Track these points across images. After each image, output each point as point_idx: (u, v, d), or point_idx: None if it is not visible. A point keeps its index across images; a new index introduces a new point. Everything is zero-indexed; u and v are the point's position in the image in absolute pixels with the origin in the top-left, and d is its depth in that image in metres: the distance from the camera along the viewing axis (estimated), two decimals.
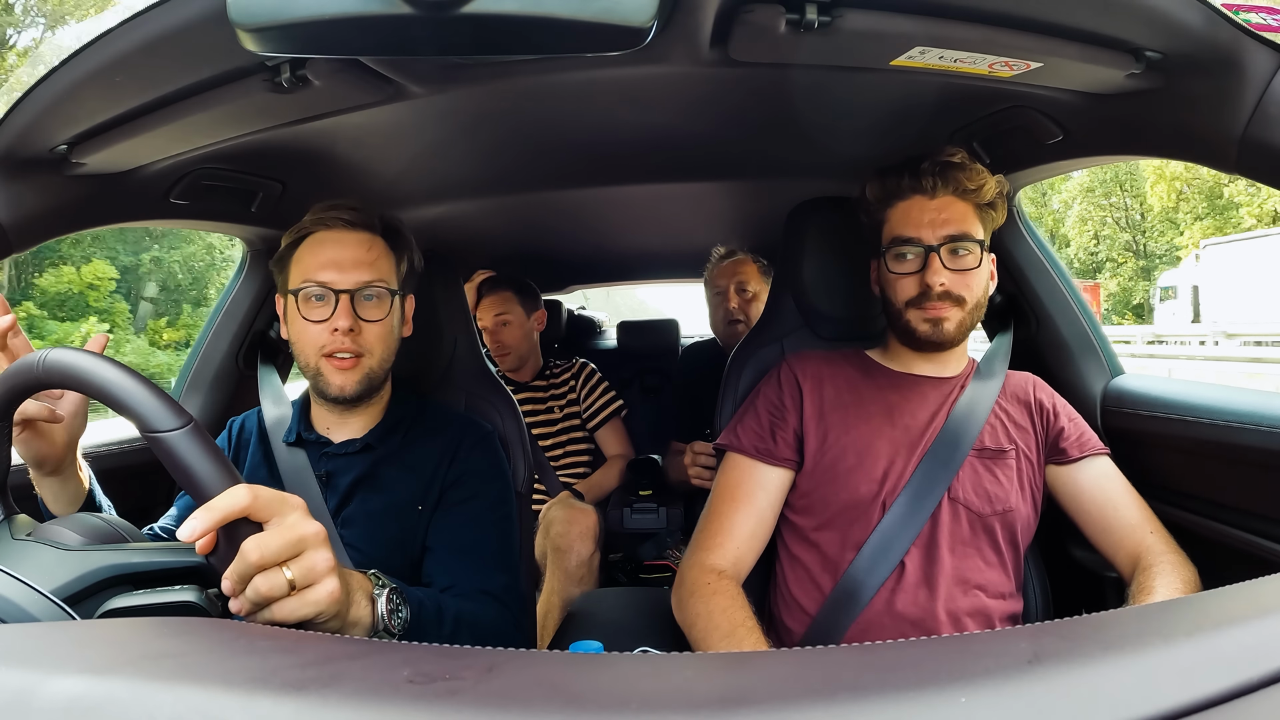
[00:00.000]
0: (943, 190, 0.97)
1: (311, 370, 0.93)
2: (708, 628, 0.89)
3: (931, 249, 0.96)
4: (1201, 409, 1.01)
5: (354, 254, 0.92)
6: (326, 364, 0.92)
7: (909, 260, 0.98)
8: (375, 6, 0.51)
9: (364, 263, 0.92)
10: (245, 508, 0.51)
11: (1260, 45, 0.68)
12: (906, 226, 0.98)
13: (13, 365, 0.56)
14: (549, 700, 0.30)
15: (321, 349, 0.91)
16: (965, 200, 0.97)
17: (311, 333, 0.91)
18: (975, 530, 0.96)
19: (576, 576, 1.67)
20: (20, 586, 0.47)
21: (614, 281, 3.06)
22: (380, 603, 0.65)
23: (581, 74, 0.89)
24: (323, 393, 0.94)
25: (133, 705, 0.29)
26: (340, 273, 0.91)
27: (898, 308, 1.00)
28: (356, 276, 0.91)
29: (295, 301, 0.92)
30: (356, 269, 0.92)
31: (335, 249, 0.92)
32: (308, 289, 0.91)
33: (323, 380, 0.93)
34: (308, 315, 0.91)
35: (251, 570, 0.51)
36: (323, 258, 0.92)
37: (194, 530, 0.50)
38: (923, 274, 0.96)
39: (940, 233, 0.96)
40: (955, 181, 0.97)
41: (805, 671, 0.34)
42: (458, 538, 0.93)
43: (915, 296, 0.97)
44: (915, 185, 0.98)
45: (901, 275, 0.98)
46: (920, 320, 0.98)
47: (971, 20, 0.72)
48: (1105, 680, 0.29)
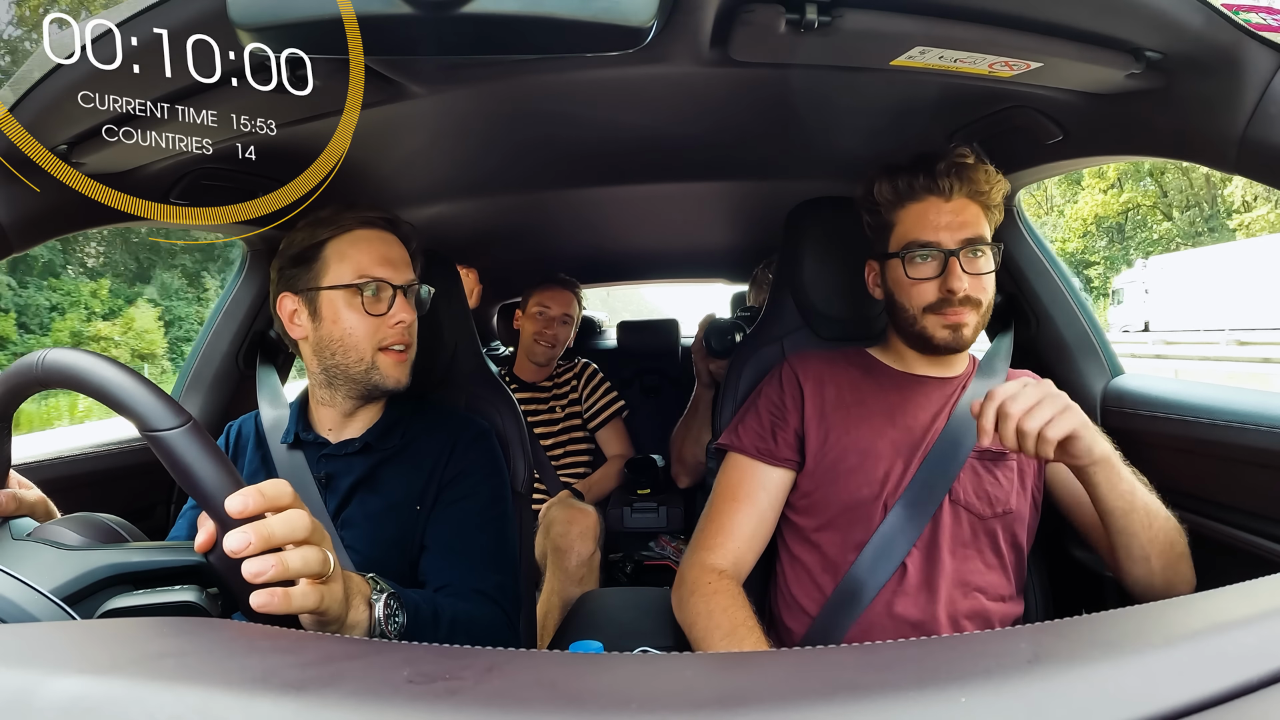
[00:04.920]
0: (959, 192, 0.94)
1: (366, 364, 0.94)
2: (708, 627, 0.89)
3: (951, 253, 0.93)
4: (1201, 409, 1.01)
5: (401, 253, 0.98)
6: (384, 357, 0.94)
7: (927, 264, 0.95)
8: (375, 6, 0.52)
9: (408, 262, 0.99)
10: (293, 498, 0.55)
11: (1260, 45, 0.68)
12: (924, 230, 0.95)
13: (13, 365, 0.56)
14: (549, 700, 0.30)
15: (379, 342, 0.94)
16: (978, 202, 0.95)
17: (368, 326, 0.93)
18: (976, 532, 0.96)
19: (576, 576, 1.67)
20: (20, 586, 0.47)
21: (614, 281, 3.06)
22: (378, 607, 0.65)
23: (581, 74, 0.89)
24: (376, 386, 0.95)
25: (133, 705, 0.29)
26: (394, 269, 0.96)
27: (912, 313, 0.97)
28: (406, 274, 0.97)
29: (355, 296, 0.93)
30: (405, 267, 0.98)
31: (386, 247, 0.96)
32: (367, 283, 0.93)
33: (379, 374, 0.94)
34: (371, 309, 0.93)
35: (276, 542, 0.52)
36: (376, 254, 0.95)
37: (245, 506, 0.51)
38: (943, 279, 0.94)
39: (959, 236, 0.93)
40: (971, 183, 0.94)
41: (805, 671, 0.34)
42: (453, 537, 0.93)
43: (935, 302, 0.95)
44: (931, 186, 0.95)
45: (919, 280, 0.95)
46: (939, 326, 0.96)
47: (971, 20, 0.72)
48: (1105, 680, 0.29)
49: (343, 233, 0.96)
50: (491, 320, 2.87)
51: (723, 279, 2.95)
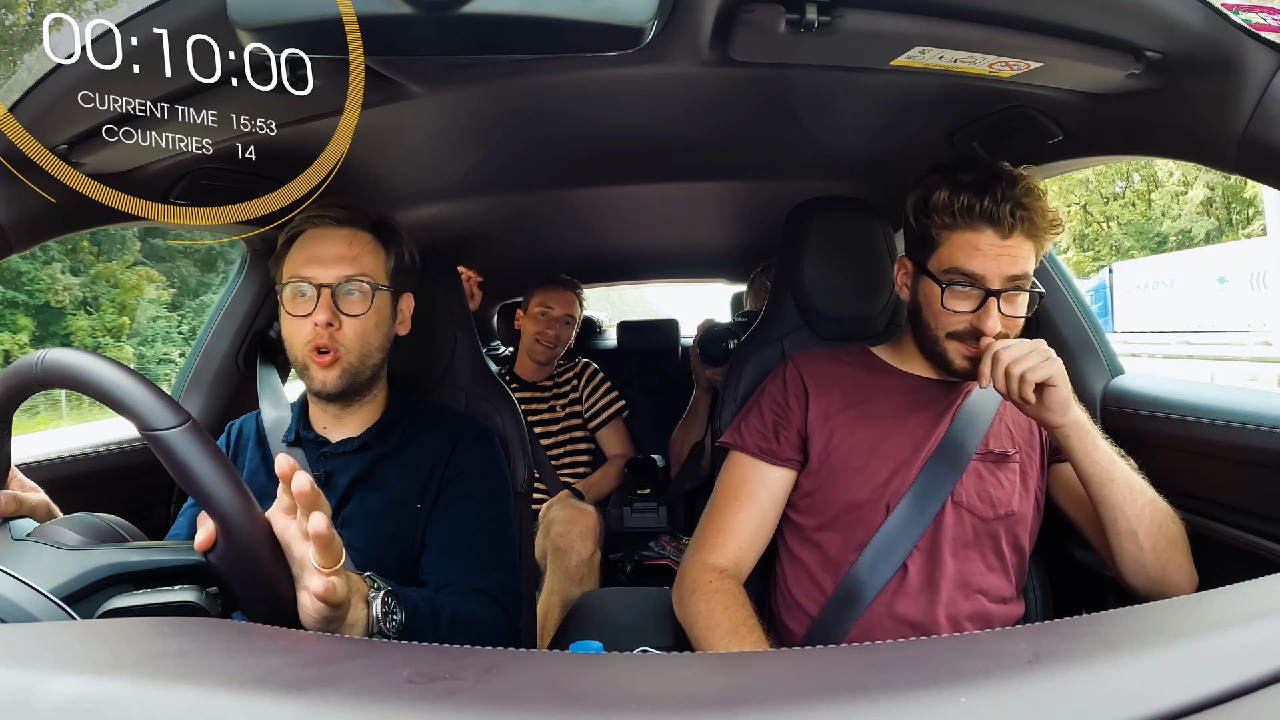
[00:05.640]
0: (1019, 231, 0.89)
1: (300, 366, 0.94)
2: (709, 626, 0.89)
3: (993, 293, 0.89)
4: (1201, 409, 1.01)
5: (335, 249, 0.93)
6: (311, 359, 0.93)
7: (967, 297, 0.91)
8: (375, 6, 0.52)
9: (345, 258, 0.93)
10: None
11: (1260, 45, 0.68)
12: (971, 260, 0.90)
13: (12, 365, 0.56)
14: (549, 700, 0.30)
15: (306, 344, 0.92)
16: (1032, 239, 0.90)
17: (296, 328, 0.92)
18: (978, 534, 0.96)
19: (576, 576, 1.67)
20: (20, 586, 0.47)
21: (614, 281, 3.06)
22: (375, 605, 0.65)
23: (581, 74, 0.89)
24: (309, 389, 0.95)
25: (133, 705, 0.29)
26: (322, 267, 0.92)
27: (935, 333, 0.95)
28: (337, 271, 0.92)
29: (283, 296, 0.93)
30: (338, 264, 0.93)
31: (319, 245, 0.94)
32: (292, 284, 0.93)
33: (308, 376, 0.94)
34: (292, 310, 0.92)
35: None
36: (307, 253, 0.93)
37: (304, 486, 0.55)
38: (978, 315, 0.91)
39: (1005, 274, 0.89)
40: (1030, 222, 0.89)
41: (805, 671, 0.34)
42: (454, 536, 0.93)
43: (962, 331, 0.93)
44: (991, 218, 0.88)
45: (952, 312, 0.92)
46: (961, 356, 0.94)
47: (971, 20, 0.72)
48: (1105, 680, 0.29)
49: (297, 232, 0.96)
50: (491, 320, 2.87)
51: (723, 279, 2.95)
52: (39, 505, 0.65)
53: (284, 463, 0.54)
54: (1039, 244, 0.92)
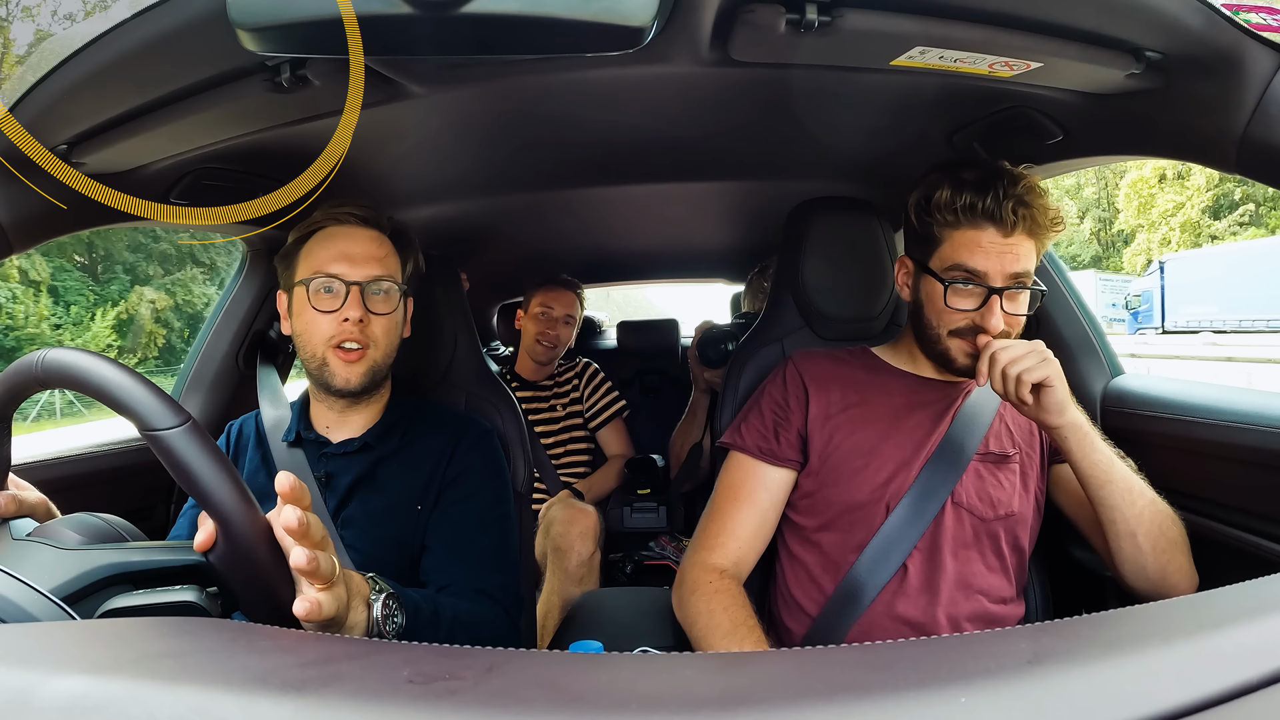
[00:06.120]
0: (1020, 229, 0.89)
1: (318, 362, 0.94)
2: (709, 626, 0.89)
3: (995, 291, 0.90)
4: (1201, 409, 1.01)
5: (365, 248, 0.95)
6: (333, 355, 0.92)
7: (969, 295, 0.92)
8: (375, 6, 0.52)
9: (374, 257, 0.95)
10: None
11: (1260, 45, 0.68)
12: (974, 258, 0.90)
13: (12, 365, 0.56)
14: (549, 700, 0.30)
15: (329, 340, 0.92)
16: (1034, 237, 0.91)
17: (320, 323, 0.92)
18: (978, 535, 0.96)
19: (576, 576, 1.67)
20: (20, 586, 0.47)
21: (614, 281, 3.06)
22: (375, 607, 0.65)
23: (581, 74, 0.89)
24: (327, 385, 0.94)
25: (133, 705, 0.29)
26: (352, 265, 0.93)
27: (937, 332, 0.95)
28: (367, 270, 0.93)
29: (305, 292, 0.93)
30: (368, 263, 0.94)
31: (347, 242, 0.94)
32: (319, 280, 0.92)
33: (328, 372, 0.93)
34: (318, 305, 0.92)
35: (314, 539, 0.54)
36: (334, 250, 0.94)
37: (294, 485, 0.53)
38: (980, 313, 0.91)
39: (1007, 271, 0.90)
40: (1032, 220, 0.89)
41: (805, 671, 0.34)
42: (455, 537, 0.93)
43: (964, 329, 0.93)
44: (994, 215, 0.89)
45: (955, 310, 0.93)
46: (963, 354, 0.94)
47: (971, 20, 0.72)
48: (1105, 680, 0.29)
49: (316, 230, 0.96)
50: (491, 320, 2.87)
51: (723, 279, 2.95)
52: (38, 504, 0.65)
53: (284, 482, 0.53)
54: (1040, 242, 0.92)
